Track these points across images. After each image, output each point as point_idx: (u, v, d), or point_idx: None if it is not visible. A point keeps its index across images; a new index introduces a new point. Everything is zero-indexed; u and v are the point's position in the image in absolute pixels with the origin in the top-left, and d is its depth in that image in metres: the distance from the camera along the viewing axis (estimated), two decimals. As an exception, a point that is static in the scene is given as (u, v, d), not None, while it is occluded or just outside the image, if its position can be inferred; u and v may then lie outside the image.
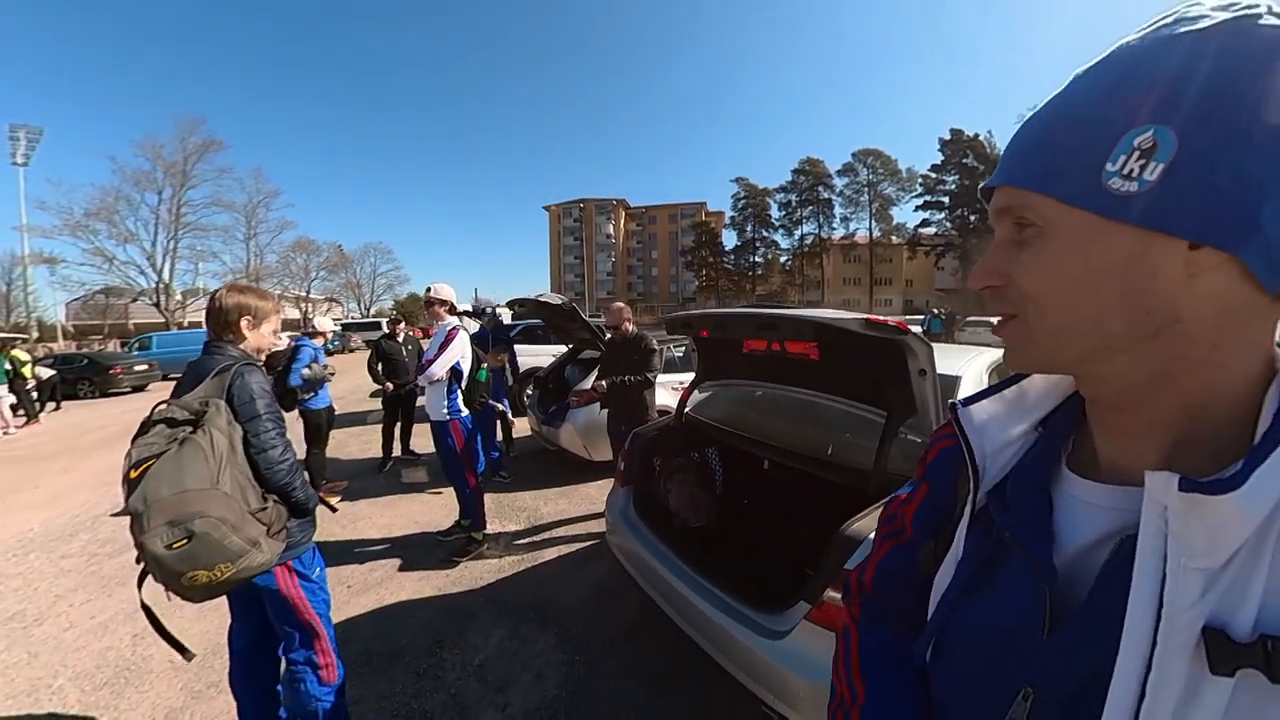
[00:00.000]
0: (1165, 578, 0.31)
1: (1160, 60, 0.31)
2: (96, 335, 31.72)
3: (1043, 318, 0.36)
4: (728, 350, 2.39)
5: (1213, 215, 0.30)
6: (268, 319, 1.66)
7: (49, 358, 14.49)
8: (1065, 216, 0.33)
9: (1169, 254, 0.31)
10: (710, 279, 55.98)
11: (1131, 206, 0.31)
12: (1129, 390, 0.36)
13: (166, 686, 2.22)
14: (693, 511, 2.38)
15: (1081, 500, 0.40)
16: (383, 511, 4.16)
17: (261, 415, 1.50)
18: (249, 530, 1.34)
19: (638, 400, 3.41)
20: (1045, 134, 0.35)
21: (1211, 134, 0.29)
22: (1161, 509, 0.32)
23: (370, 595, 2.88)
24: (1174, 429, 0.35)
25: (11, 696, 2.22)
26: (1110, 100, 0.32)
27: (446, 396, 3.15)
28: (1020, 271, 0.36)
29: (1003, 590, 0.42)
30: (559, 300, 4.71)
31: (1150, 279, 0.31)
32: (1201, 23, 0.30)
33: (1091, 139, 0.32)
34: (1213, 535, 0.30)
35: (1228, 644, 0.29)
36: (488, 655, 2.35)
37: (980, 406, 0.49)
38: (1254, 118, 0.28)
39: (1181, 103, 0.30)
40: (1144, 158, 0.30)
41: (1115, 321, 0.33)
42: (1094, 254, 0.33)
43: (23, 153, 28.90)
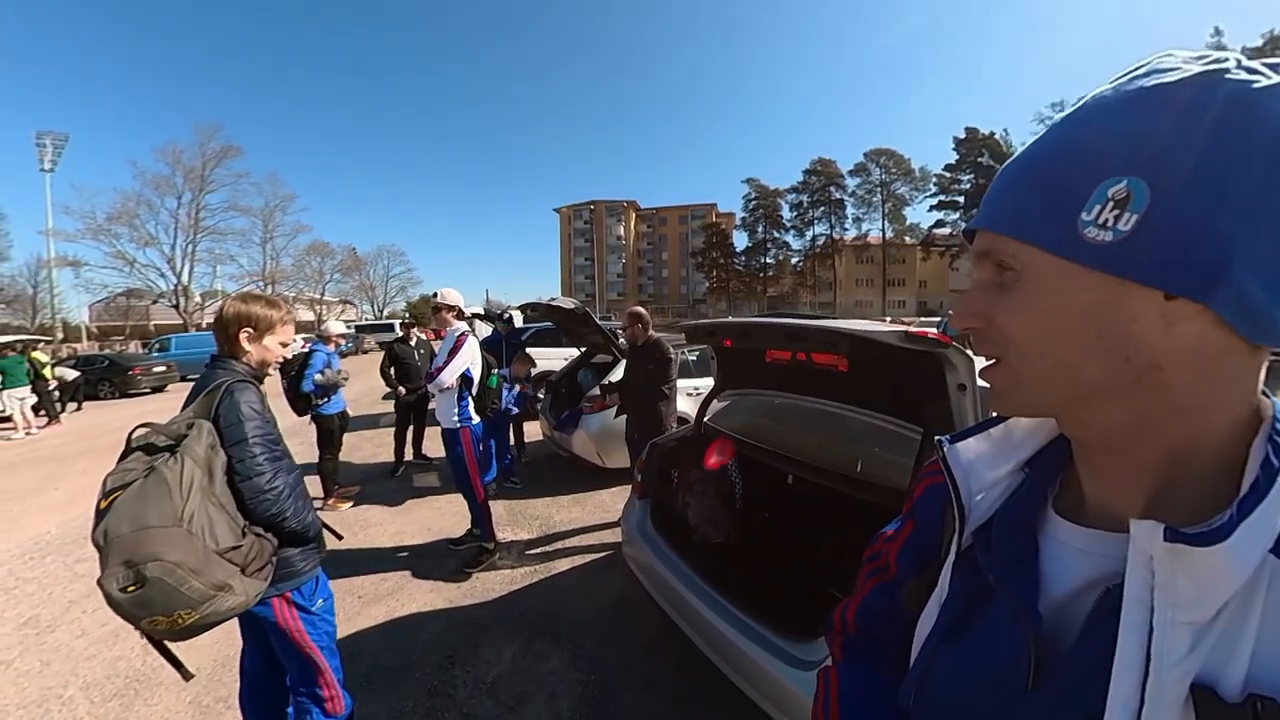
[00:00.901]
0: (1152, 631, 0.30)
1: (1133, 111, 0.31)
2: (118, 336, 32.44)
3: (1025, 361, 0.36)
4: (749, 359, 2.30)
5: (1185, 266, 0.30)
6: (272, 330, 1.55)
7: (72, 358, 14.81)
8: (1043, 262, 0.34)
9: (1145, 303, 0.31)
10: (721, 280, 55.81)
11: (1106, 255, 0.31)
12: (1112, 434, 0.36)
13: (175, 700, 2.19)
14: (712, 527, 2.29)
15: (1067, 545, 0.40)
16: (394, 518, 4.13)
17: (248, 439, 1.39)
18: (213, 574, 1.21)
19: (654, 409, 3.34)
20: (1023, 181, 0.35)
21: (1183, 186, 0.29)
22: (1147, 559, 0.32)
23: (381, 606, 2.83)
24: (1158, 474, 0.35)
25: (23, 706, 2.21)
26: (1086, 150, 0.32)
27: (457, 404, 3.09)
28: (1001, 315, 0.36)
29: (987, 635, 0.41)
30: (571, 304, 4.65)
31: (1127, 326, 0.32)
32: (1172, 75, 0.31)
33: (1068, 188, 0.32)
34: (1199, 588, 0.29)
35: (1217, 703, 0.28)
36: (500, 672, 2.29)
37: (967, 445, 0.48)
38: (1225, 171, 0.29)
39: (1154, 155, 0.30)
40: (1118, 208, 0.30)
41: (1094, 367, 0.33)
42: (1071, 300, 0.33)
43: (50, 159, 29.56)
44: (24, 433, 8.60)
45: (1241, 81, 0.29)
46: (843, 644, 0.61)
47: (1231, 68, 0.30)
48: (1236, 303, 0.29)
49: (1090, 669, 0.33)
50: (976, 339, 0.39)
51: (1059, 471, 0.44)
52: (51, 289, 30.52)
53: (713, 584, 1.90)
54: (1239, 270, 0.29)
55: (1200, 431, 0.33)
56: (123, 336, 32.06)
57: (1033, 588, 0.39)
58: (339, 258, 46.59)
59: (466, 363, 3.07)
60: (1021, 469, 0.46)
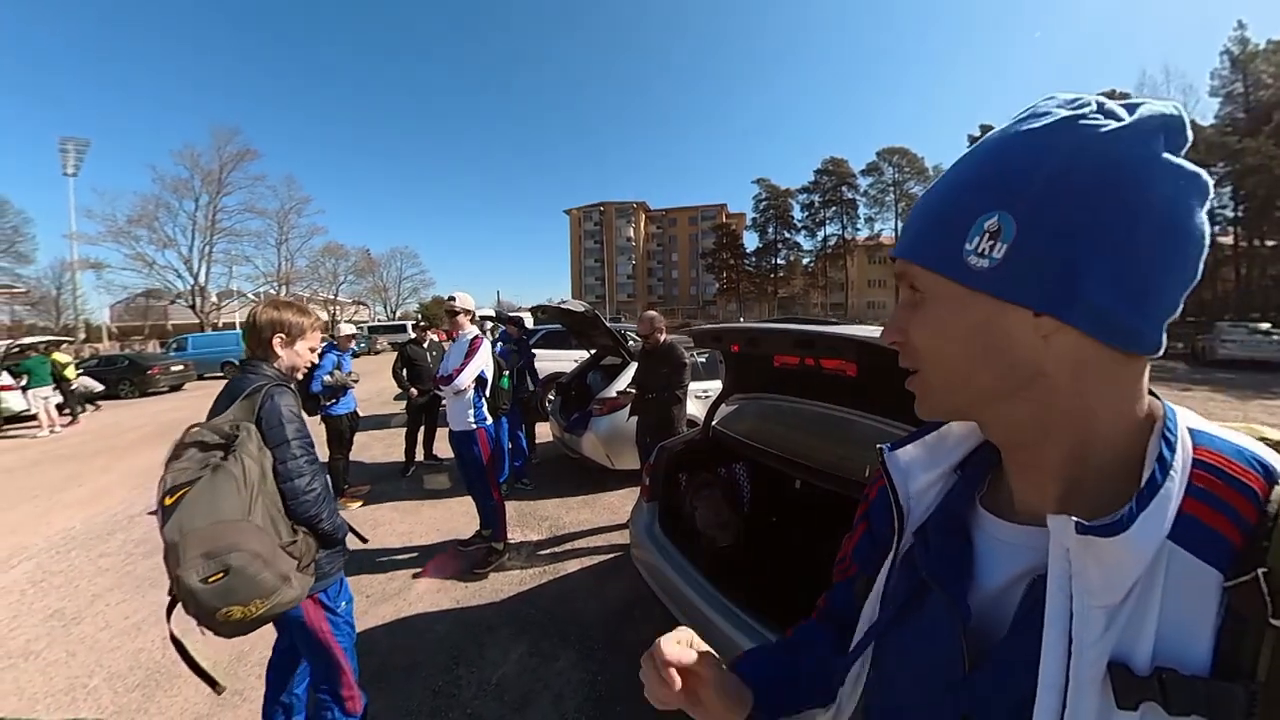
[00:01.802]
0: (1073, 616, 0.34)
1: (1006, 153, 0.36)
2: (138, 336, 33.16)
3: (933, 371, 0.41)
4: (758, 363, 2.30)
5: (1042, 287, 0.35)
6: (303, 336, 1.61)
7: (93, 358, 15.16)
8: (939, 286, 0.39)
9: (1020, 319, 0.36)
10: (731, 281, 55.53)
11: (984, 279, 0.36)
12: (1017, 433, 0.40)
13: (194, 691, 2.24)
14: (720, 530, 2.30)
15: (997, 539, 0.43)
16: (404, 518, 4.18)
17: (290, 441, 1.44)
18: (280, 565, 1.29)
19: (667, 412, 3.35)
20: (925, 214, 0.40)
21: (1041, 220, 0.34)
22: (1064, 550, 0.35)
23: (389, 605, 2.87)
24: (1065, 471, 0.39)
25: (50, 695, 2.29)
26: (969, 187, 0.37)
27: (472, 405, 3.12)
28: (913, 331, 0.41)
29: (926, 627, 0.45)
30: (581, 307, 4.68)
31: (1007, 338, 0.37)
32: (1043, 120, 0.35)
33: (955, 220, 0.37)
34: (1108, 575, 0.33)
35: (1130, 678, 0.31)
36: (506, 673, 2.31)
37: (905, 450, 0.53)
38: (1069, 205, 0.33)
39: (1017, 192, 0.35)
40: (992, 239, 0.35)
41: (986, 374, 0.38)
42: (962, 318, 0.38)
43: (72, 164, 30.39)
44: (49, 430, 8.83)
45: (1092, 125, 0.34)
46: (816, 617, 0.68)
47: (1089, 112, 0.34)
48: (1091, 316, 0.34)
49: (1021, 654, 0.36)
50: (901, 352, 0.43)
51: (987, 472, 0.48)
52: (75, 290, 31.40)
53: (720, 588, 1.90)
54: (1087, 289, 0.33)
55: (1092, 431, 0.37)
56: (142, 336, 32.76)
57: (964, 583, 0.43)
58: (353, 259, 47.21)
59: (482, 365, 3.10)
60: (955, 471, 0.50)
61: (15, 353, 10.24)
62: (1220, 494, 0.34)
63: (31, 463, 6.82)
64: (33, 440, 8.39)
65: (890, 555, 0.50)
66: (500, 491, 3.29)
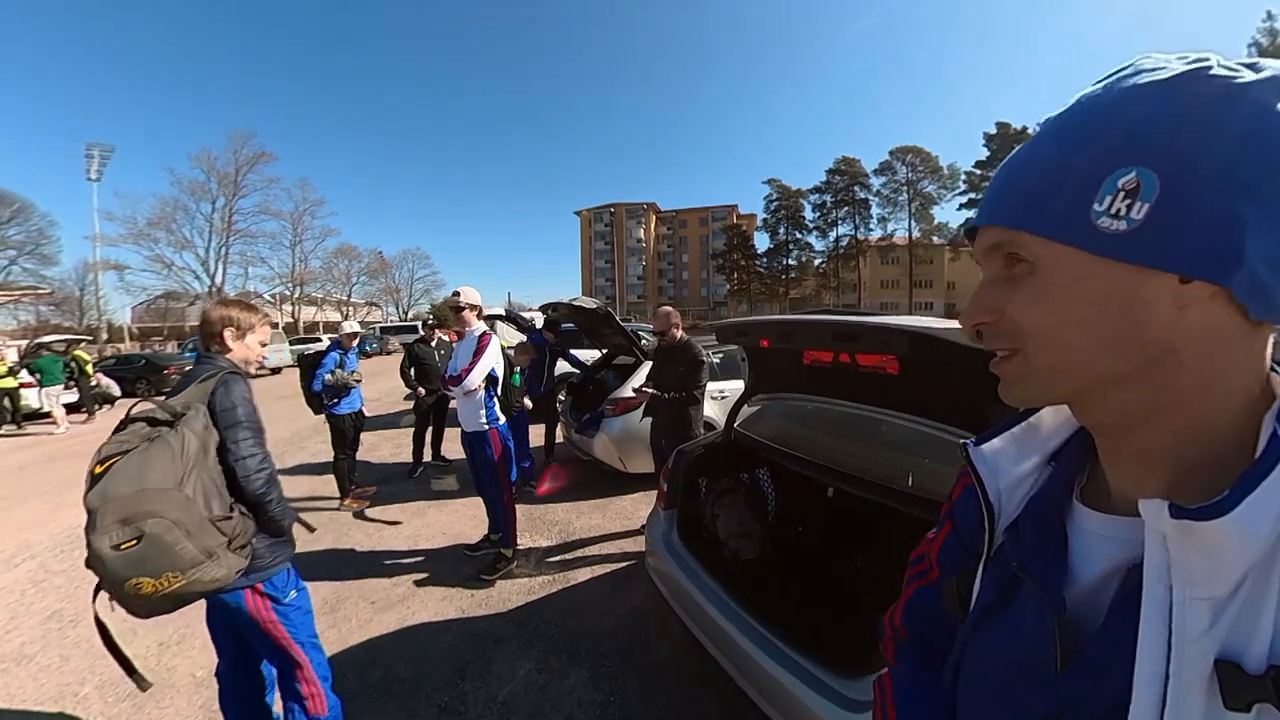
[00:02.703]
0: (1173, 608, 0.32)
1: (1132, 106, 0.32)
2: (158, 337, 33.77)
3: (1041, 352, 0.36)
4: (785, 360, 2.13)
5: (1200, 250, 0.31)
6: (252, 330, 1.68)
7: (112, 358, 15.43)
8: (1057, 254, 0.34)
9: (1160, 288, 0.32)
10: (742, 282, 55.25)
11: (1121, 244, 0.32)
12: (1126, 419, 0.37)
13: (186, 703, 2.16)
14: (744, 541, 2.13)
15: (1092, 532, 0.41)
16: (410, 520, 4.06)
17: (241, 423, 1.50)
18: (205, 539, 1.28)
19: (683, 413, 3.19)
20: (1030, 175, 0.35)
21: (1189, 174, 0.30)
22: (1162, 538, 0.33)
23: (393, 614, 2.75)
24: (1175, 457, 0.36)
25: (40, 702, 2.21)
26: (1091, 143, 0.33)
27: (484, 405, 2.99)
28: (1015, 308, 0.36)
29: (1015, 622, 0.43)
30: (593, 304, 4.55)
31: (1143, 312, 0.33)
32: (1161, 73, 0.32)
33: (1077, 180, 0.33)
34: (1212, 563, 0.30)
35: (1241, 677, 0.29)
36: (514, 690, 2.16)
37: (992, 445, 0.50)
38: (1227, 158, 0.30)
39: (1159, 145, 0.31)
40: (1129, 197, 0.31)
41: (1110, 354, 0.34)
42: (1088, 289, 0.34)
43: (96, 169, 31.01)
44: (64, 428, 8.93)
45: (1226, 76, 0.31)
46: (894, 648, 0.62)
47: (1214, 66, 0.31)
48: (1249, 283, 0.30)
49: (1117, 649, 0.34)
50: (988, 333, 0.39)
51: (1085, 461, 0.45)
52: (97, 291, 32.03)
53: (744, 604, 1.75)
54: (1250, 251, 0.30)
55: (1214, 410, 0.34)
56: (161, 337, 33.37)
57: (1058, 575, 0.40)
58: (366, 261, 47.72)
59: (492, 363, 2.96)
60: (1048, 462, 0.47)
61: (33, 351, 10.41)
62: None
63: (46, 459, 6.87)
64: (49, 437, 8.49)
65: (983, 557, 0.48)
66: (513, 494, 3.15)
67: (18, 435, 8.67)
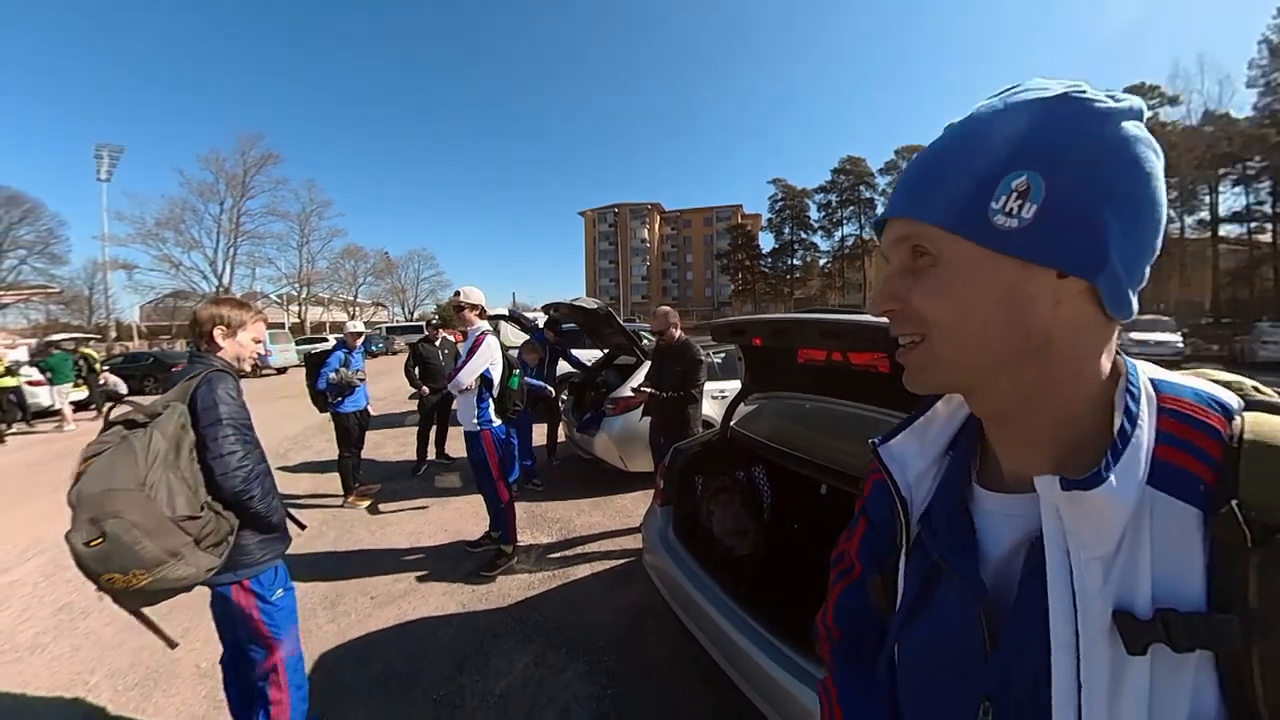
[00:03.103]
0: (1072, 571, 0.35)
1: (1026, 116, 0.36)
2: (166, 335, 34.06)
3: (944, 340, 0.39)
4: (780, 359, 2.15)
5: (1075, 249, 0.35)
6: (244, 327, 1.68)
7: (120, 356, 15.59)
8: (959, 248, 0.37)
9: (1043, 284, 0.36)
10: (747, 283, 55.16)
11: (1013, 240, 0.36)
12: (1010, 405, 0.41)
13: (191, 693, 2.20)
14: (739, 538, 2.16)
15: (993, 513, 0.44)
16: (413, 517, 4.12)
17: (221, 421, 1.50)
18: (166, 539, 1.30)
19: (682, 412, 3.22)
20: (938, 173, 0.38)
21: (1067, 180, 0.35)
22: (1055, 509, 0.37)
23: (393, 609, 2.79)
24: (1055, 436, 0.40)
25: (53, 690, 2.27)
26: (990, 147, 0.37)
27: (477, 406, 3.03)
28: (919, 297, 0.39)
29: (942, 611, 0.45)
30: (594, 304, 4.59)
31: (1029, 305, 0.37)
32: (1046, 92, 0.37)
33: (977, 181, 0.37)
34: (1098, 526, 0.35)
35: (1135, 623, 0.33)
36: (511, 683, 2.20)
37: (897, 441, 0.53)
38: (1095, 170, 0.35)
39: (1046, 152, 0.35)
40: (1020, 198, 0.35)
41: (1000, 342, 0.38)
42: (983, 282, 0.37)
43: (106, 169, 31.33)
44: (75, 425, 9.05)
45: (1102, 101, 0.35)
46: (830, 650, 0.63)
47: (1087, 91, 0.36)
48: (1111, 281, 0.35)
49: (1033, 619, 0.37)
50: (894, 320, 0.42)
51: (975, 447, 0.49)
52: (106, 290, 32.36)
53: (738, 599, 1.77)
54: (1113, 251, 0.35)
55: (1081, 394, 0.39)
56: (169, 335, 33.66)
57: (974, 561, 0.43)
58: (372, 261, 47.94)
59: (485, 363, 2.99)
60: (946, 454, 0.50)
61: (44, 349, 10.56)
62: (1187, 436, 0.36)
63: (56, 456, 6.96)
64: (59, 435, 8.62)
65: (902, 549, 0.50)
66: (510, 493, 3.19)
67: (27, 433, 8.78)
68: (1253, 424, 0.35)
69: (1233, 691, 0.31)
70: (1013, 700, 0.38)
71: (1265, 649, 0.30)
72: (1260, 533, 0.31)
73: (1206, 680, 0.32)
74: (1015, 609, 0.39)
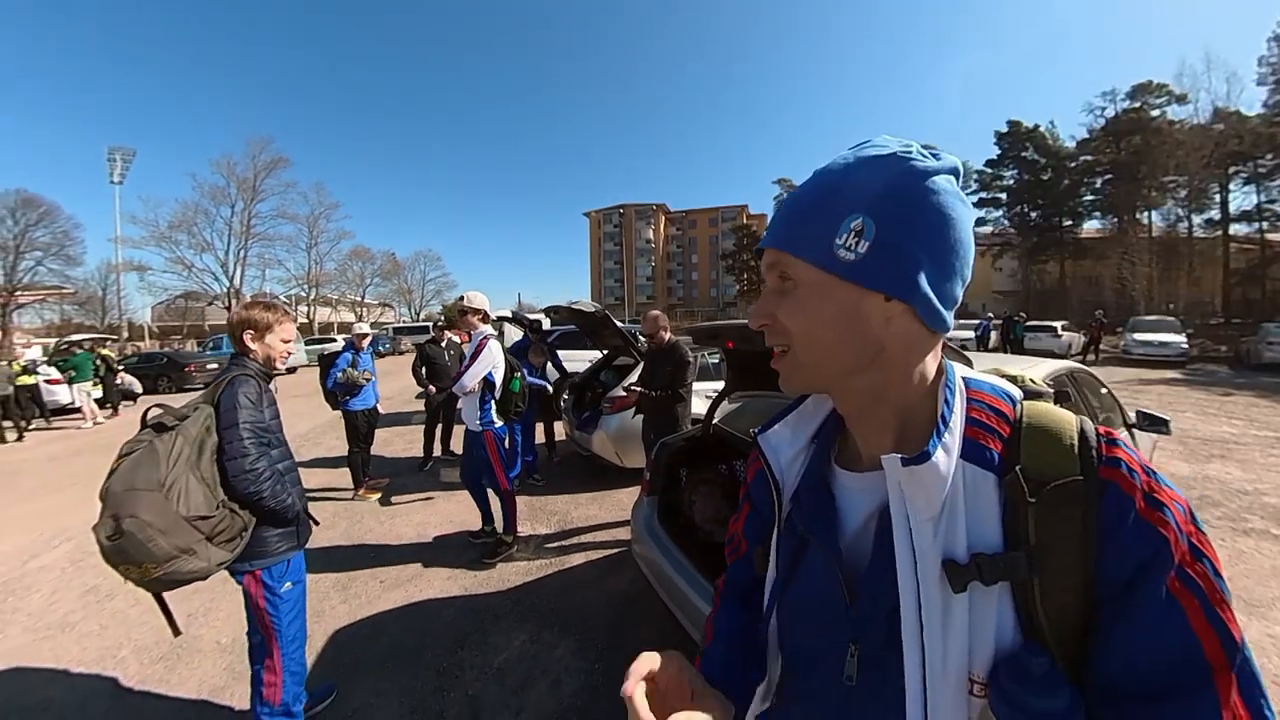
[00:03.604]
0: (911, 532, 0.43)
1: (863, 169, 0.46)
2: (177, 335, 34.59)
3: (804, 350, 0.48)
4: (757, 361, 2.30)
5: (896, 278, 0.44)
6: (270, 329, 1.75)
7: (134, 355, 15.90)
8: (812, 275, 0.46)
9: (874, 304, 0.45)
10: (752, 283, 54.99)
11: (852, 269, 0.44)
12: (864, 402, 0.50)
13: (212, 665, 2.38)
14: (717, 525, 2.31)
15: (851, 488, 0.53)
16: (420, 509, 4.30)
17: (238, 425, 1.57)
18: (179, 537, 1.39)
19: (671, 410, 3.37)
20: (799, 212, 0.47)
21: (892, 224, 0.44)
22: (897, 483, 0.45)
23: (400, 591, 2.97)
24: (896, 424, 0.50)
25: (84, 663, 2.46)
26: (836, 193, 0.46)
27: (480, 407, 3.17)
28: (782, 314, 0.48)
29: (810, 573, 0.53)
30: (592, 308, 4.74)
31: (865, 321, 0.45)
32: (883, 150, 0.46)
33: (826, 219, 0.45)
34: (928, 494, 0.43)
35: (957, 568, 0.41)
36: (508, 658, 2.37)
37: (774, 431, 0.61)
38: (913, 217, 0.44)
39: (875, 200, 0.44)
40: (857, 236, 0.44)
41: (847, 351, 0.47)
42: (830, 302, 0.46)
43: (119, 173, 31.76)
44: (91, 423, 9.32)
45: (921, 160, 0.45)
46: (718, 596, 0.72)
47: (916, 151, 0.46)
48: (924, 301, 0.45)
49: (884, 574, 0.45)
50: (767, 333, 0.50)
51: (836, 435, 0.58)
52: (119, 291, 32.84)
53: (713, 582, 1.91)
54: (923, 280, 0.44)
55: (914, 391, 0.49)
56: (181, 335, 34.16)
57: (833, 531, 0.52)
58: (379, 263, 48.19)
59: (487, 366, 3.11)
60: (812, 441, 0.59)
61: (63, 349, 10.85)
62: (986, 419, 0.46)
63: (75, 452, 7.21)
64: (77, 431, 8.88)
65: (776, 524, 0.58)
66: (511, 484, 3.34)
67: (46, 430, 9.07)
68: (1029, 410, 0.47)
69: (1024, 609, 0.40)
70: (872, 641, 0.46)
71: (1043, 575, 0.40)
72: (1034, 488, 0.41)
73: (1006, 604, 0.41)
74: (870, 566, 0.48)
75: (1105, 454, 0.43)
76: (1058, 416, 0.46)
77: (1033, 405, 0.47)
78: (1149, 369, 13.66)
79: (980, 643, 0.41)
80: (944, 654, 0.41)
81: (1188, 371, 13.27)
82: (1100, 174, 30.63)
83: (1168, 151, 25.75)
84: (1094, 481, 0.41)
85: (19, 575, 3.44)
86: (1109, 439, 0.44)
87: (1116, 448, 0.43)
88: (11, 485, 5.74)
